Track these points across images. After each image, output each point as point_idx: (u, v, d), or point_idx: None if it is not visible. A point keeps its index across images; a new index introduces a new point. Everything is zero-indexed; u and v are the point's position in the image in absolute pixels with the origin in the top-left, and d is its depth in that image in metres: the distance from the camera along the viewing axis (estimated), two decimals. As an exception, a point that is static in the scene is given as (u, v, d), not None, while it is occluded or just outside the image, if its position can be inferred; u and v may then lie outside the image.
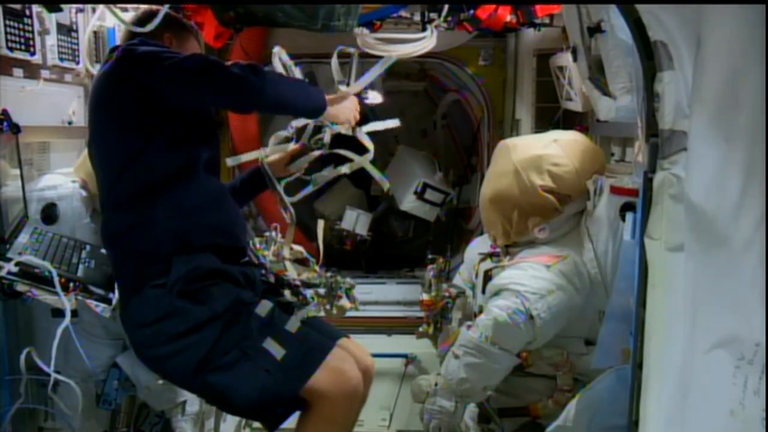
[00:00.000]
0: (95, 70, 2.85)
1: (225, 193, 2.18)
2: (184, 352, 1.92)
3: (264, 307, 1.99)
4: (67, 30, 2.68)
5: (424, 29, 3.14)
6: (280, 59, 2.32)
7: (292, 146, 2.56)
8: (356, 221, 4.57)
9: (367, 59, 3.85)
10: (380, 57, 3.25)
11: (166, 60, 1.92)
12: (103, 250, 2.39)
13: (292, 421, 2.03)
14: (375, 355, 2.28)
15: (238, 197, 2.49)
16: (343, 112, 2.24)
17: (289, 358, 1.91)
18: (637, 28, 1.65)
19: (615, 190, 2.45)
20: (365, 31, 3.16)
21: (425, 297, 3.27)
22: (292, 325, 1.98)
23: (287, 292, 2.34)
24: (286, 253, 2.56)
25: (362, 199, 5.46)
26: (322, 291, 2.56)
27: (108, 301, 2.19)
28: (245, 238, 2.23)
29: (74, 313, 2.08)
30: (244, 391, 1.90)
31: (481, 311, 2.66)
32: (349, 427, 2.05)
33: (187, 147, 2.03)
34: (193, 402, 2.75)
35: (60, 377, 2.12)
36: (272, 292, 2.26)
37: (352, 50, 2.38)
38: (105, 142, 2.06)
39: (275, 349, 1.91)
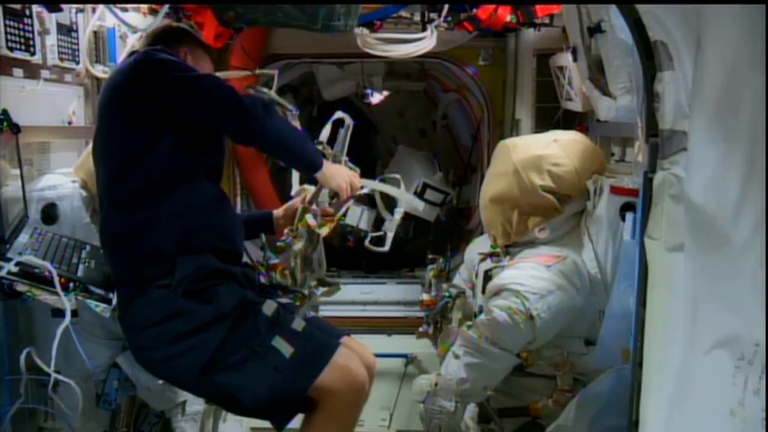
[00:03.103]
0: (95, 70, 2.86)
1: (225, 198, 2.18)
2: (190, 352, 1.91)
3: (270, 306, 1.99)
4: (67, 30, 2.68)
5: (424, 29, 3.14)
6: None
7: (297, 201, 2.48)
8: (360, 217, 4.57)
9: (368, 59, 3.88)
10: (381, 57, 3.28)
11: (182, 72, 1.96)
12: (103, 250, 2.40)
13: (297, 421, 2.03)
14: (375, 355, 2.28)
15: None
16: (336, 178, 2.17)
17: (298, 356, 1.92)
18: (637, 28, 1.65)
19: (615, 190, 2.45)
20: (365, 31, 3.16)
21: (425, 297, 3.27)
22: (298, 323, 1.99)
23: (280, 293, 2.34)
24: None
25: (364, 196, 5.46)
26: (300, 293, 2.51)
27: (108, 301, 2.18)
28: (242, 243, 2.24)
29: (74, 313, 2.08)
30: (254, 390, 1.90)
31: (481, 311, 2.66)
32: (353, 425, 2.06)
33: (191, 150, 2.03)
34: (192, 402, 2.75)
35: (60, 377, 2.11)
36: (266, 292, 2.26)
37: (347, 120, 2.35)
38: (109, 139, 2.07)
39: (284, 348, 1.92)
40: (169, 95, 1.95)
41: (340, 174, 2.19)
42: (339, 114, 2.41)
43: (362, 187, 2.32)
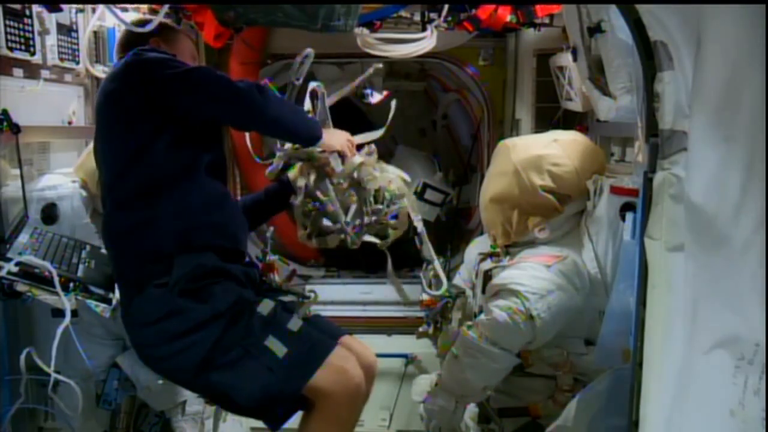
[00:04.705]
0: (95, 70, 2.86)
1: (227, 196, 2.18)
2: (186, 350, 1.92)
3: (266, 305, 1.99)
4: (67, 30, 2.69)
5: (424, 29, 3.14)
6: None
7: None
8: None
9: (368, 59, 3.88)
10: (381, 57, 3.28)
11: (173, 68, 1.95)
12: (103, 250, 2.40)
13: (295, 421, 2.03)
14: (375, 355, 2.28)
15: (263, 209, 2.50)
16: (336, 139, 2.26)
17: (292, 357, 1.91)
18: (637, 28, 1.65)
19: (615, 190, 2.45)
20: (365, 31, 3.16)
21: (425, 297, 3.27)
22: (295, 323, 1.98)
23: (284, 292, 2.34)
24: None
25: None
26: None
27: (108, 301, 2.19)
28: (246, 241, 2.24)
29: (74, 313, 2.08)
30: (247, 390, 1.91)
31: (481, 311, 2.66)
32: (351, 425, 2.05)
33: (189, 148, 2.03)
34: (192, 402, 2.76)
35: (60, 377, 2.12)
36: (273, 291, 2.26)
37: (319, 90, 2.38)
38: (108, 141, 2.07)
39: (277, 348, 1.91)
40: (163, 94, 1.95)
41: (336, 137, 2.24)
42: (312, 84, 2.43)
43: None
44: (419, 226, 2.55)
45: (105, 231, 2.11)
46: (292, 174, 2.47)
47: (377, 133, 2.55)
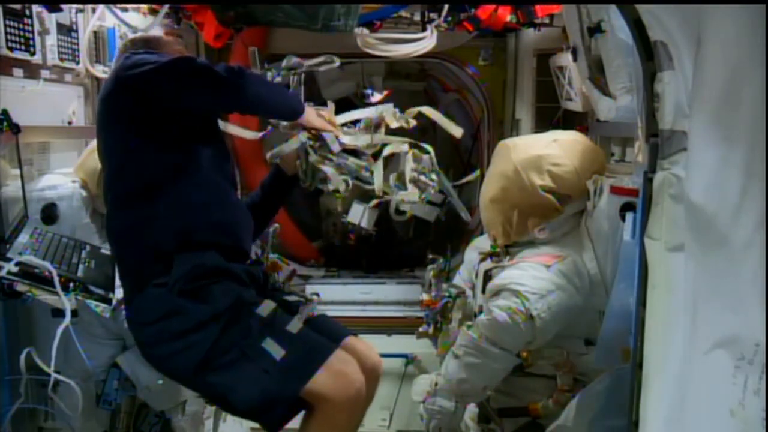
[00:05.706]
0: (95, 70, 2.86)
1: (229, 193, 2.17)
2: (185, 351, 1.91)
3: (266, 307, 1.98)
4: (67, 30, 2.69)
5: (424, 29, 3.15)
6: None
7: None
8: (362, 215, 4.57)
9: (368, 59, 3.88)
10: (381, 57, 3.28)
11: (153, 63, 1.95)
12: (103, 250, 2.40)
13: (295, 423, 2.02)
14: (374, 355, 2.27)
15: (265, 204, 2.48)
16: (316, 117, 2.26)
17: (289, 359, 1.89)
18: (637, 28, 1.65)
19: (615, 190, 2.45)
20: (365, 31, 3.17)
21: (425, 297, 3.27)
22: (294, 325, 1.97)
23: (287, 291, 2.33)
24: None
25: (368, 194, 5.45)
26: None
27: (108, 301, 2.18)
28: (250, 239, 2.23)
29: (74, 313, 2.08)
30: (244, 392, 1.89)
31: (481, 311, 2.66)
32: (352, 430, 2.03)
33: (187, 145, 2.03)
34: (192, 402, 2.76)
35: (60, 377, 2.11)
36: (277, 292, 2.26)
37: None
38: (107, 141, 2.09)
39: (274, 350, 1.89)
40: (147, 87, 1.95)
41: (316, 115, 2.25)
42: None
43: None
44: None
45: (107, 230, 2.12)
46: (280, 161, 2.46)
47: (366, 111, 2.55)
